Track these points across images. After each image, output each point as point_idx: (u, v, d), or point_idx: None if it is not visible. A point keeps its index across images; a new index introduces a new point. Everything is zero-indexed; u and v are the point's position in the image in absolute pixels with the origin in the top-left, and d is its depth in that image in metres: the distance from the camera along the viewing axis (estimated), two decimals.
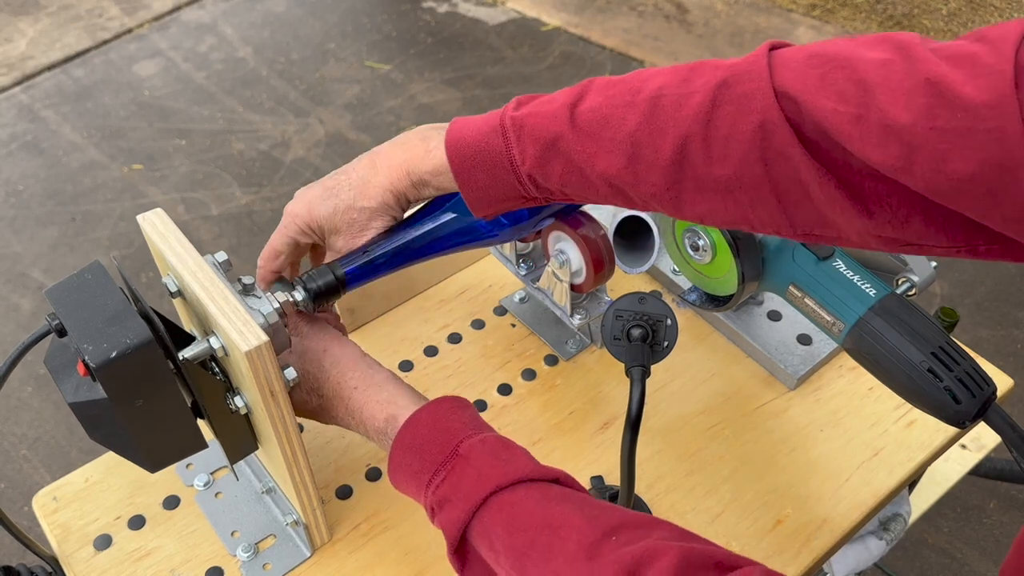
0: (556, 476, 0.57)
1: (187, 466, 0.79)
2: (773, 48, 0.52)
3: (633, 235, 0.83)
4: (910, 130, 0.44)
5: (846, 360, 0.87)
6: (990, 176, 0.43)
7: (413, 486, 0.60)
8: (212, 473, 0.78)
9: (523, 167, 0.59)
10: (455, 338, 0.90)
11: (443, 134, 0.62)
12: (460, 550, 0.57)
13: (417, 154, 0.63)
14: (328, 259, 0.67)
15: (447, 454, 0.58)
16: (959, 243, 0.49)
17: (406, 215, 0.70)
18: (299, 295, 0.64)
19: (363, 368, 0.65)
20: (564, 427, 0.82)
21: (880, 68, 0.46)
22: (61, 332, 0.56)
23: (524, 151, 0.58)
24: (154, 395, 0.56)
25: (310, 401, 0.66)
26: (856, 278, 0.70)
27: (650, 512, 0.75)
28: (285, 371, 0.60)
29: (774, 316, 0.89)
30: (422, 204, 0.69)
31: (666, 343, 0.66)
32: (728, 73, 0.52)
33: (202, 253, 0.60)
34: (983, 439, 1.23)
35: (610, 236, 0.77)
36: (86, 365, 0.53)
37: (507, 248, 0.86)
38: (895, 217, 0.49)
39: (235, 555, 0.73)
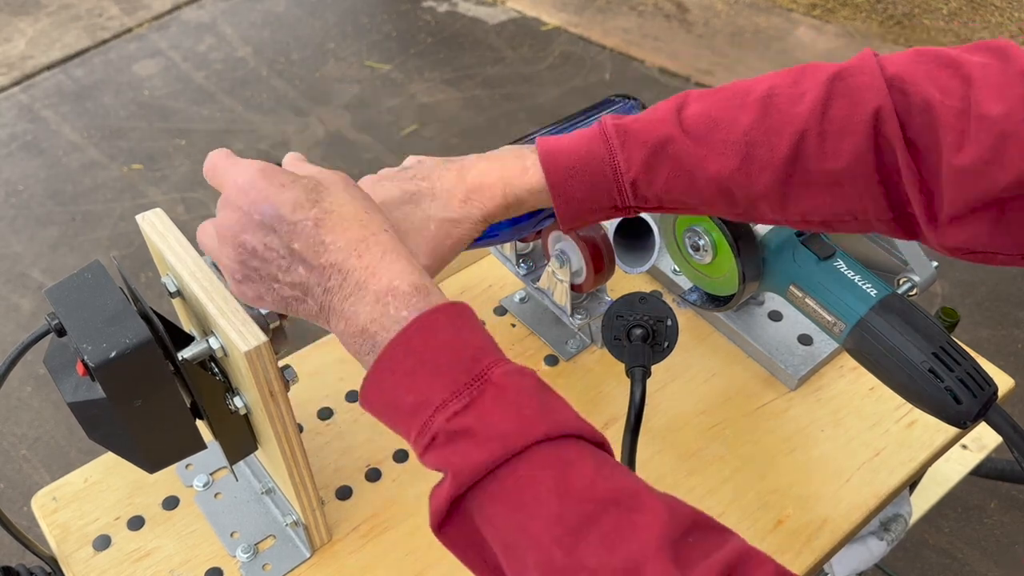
0: (602, 440, 0.45)
1: (186, 466, 0.79)
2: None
3: (633, 235, 0.83)
4: (1004, 119, 0.47)
5: (847, 360, 0.87)
6: None
7: (407, 402, 0.45)
8: (211, 474, 0.78)
9: (628, 174, 0.57)
10: None
11: (537, 154, 0.59)
12: (457, 503, 0.44)
13: (515, 172, 0.59)
14: None
15: (474, 375, 0.44)
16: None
17: None
18: None
19: (383, 220, 0.51)
20: None
21: (981, 68, 0.50)
22: (60, 332, 0.56)
23: (630, 157, 0.57)
24: (153, 395, 0.56)
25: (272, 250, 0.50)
26: (857, 278, 0.70)
27: None
28: (284, 371, 0.59)
29: (775, 316, 0.89)
30: None
31: (667, 343, 0.66)
32: (840, 68, 0.54)
33: (201, 253, 0.60)
34: (984, 439, 1.23)
35: (610, 236, 0.77)
36: (85, 365, 0.53)
37: (507, 248, 0.86)
38: (966, 224, 0.52)
39: (235, 556, 0.73)
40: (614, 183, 0.58)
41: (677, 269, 0.92)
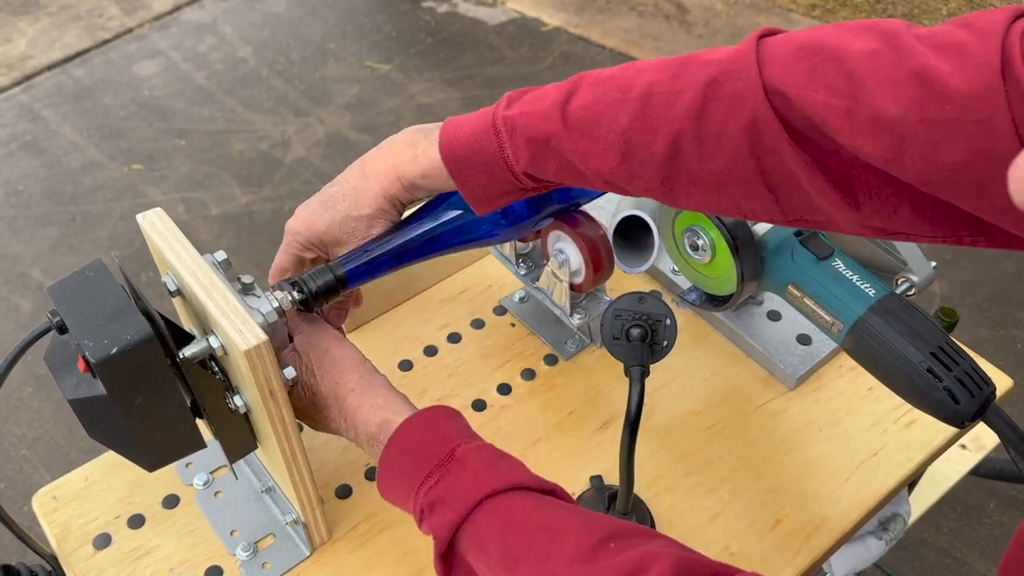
0: (552, 488, 0.57)
1: (186, 465, 0.79)
2: (763, 36, 0.52)
3: (633, 235, 0.83)
4: (900, 122, 0.45)
5: (845, 360, 0.87)
6: (980, 166, 0.43)
7: (403, 489, 0.59)
8: (211, 472, 0.78)
9: (517, 166, 0.59)
10: (455, 338, 0.90)
11: (431, 137, 0.63)
12: (447, 556, 0.56)
13: (406, 159, 0.63)
14: None
15: (442, 457, 0.57)
16: (945, 232, 0.50)
17: (406, 215, 0.70)
18: (298, 295, 0.64)
19: (361, 372, 0.65)
20: (564, 427, 0.82)
21: (869, 60, 0.46)
22: (62, 329, 0.56)
23: (517, 151, 0.59)
24: (154, 393, 0.56)
25: (303, 397, 0.66)
26: (855, 278, 0.70)
27: (650, 512, 0.75)
28: (284, 370, 0.60)
29: (774, 316, 0.89)
30: (422, 203, 0.69)
31: (665, 343, 0.66)
32: (718, 71, 0.51)
33: (202, 253, 0.60)
34: (983, 439, 1.23)
35: (610, 236, 0.77)
36: (86, 361, 0.53)
37: (507, 248, 0.86)
38: (883, 207, 0.50)
39: (234, 554, 0.73)
40: (510, 173, 0.60)
41: (676, 269, 0.92)
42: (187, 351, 0.58)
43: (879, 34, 0.47)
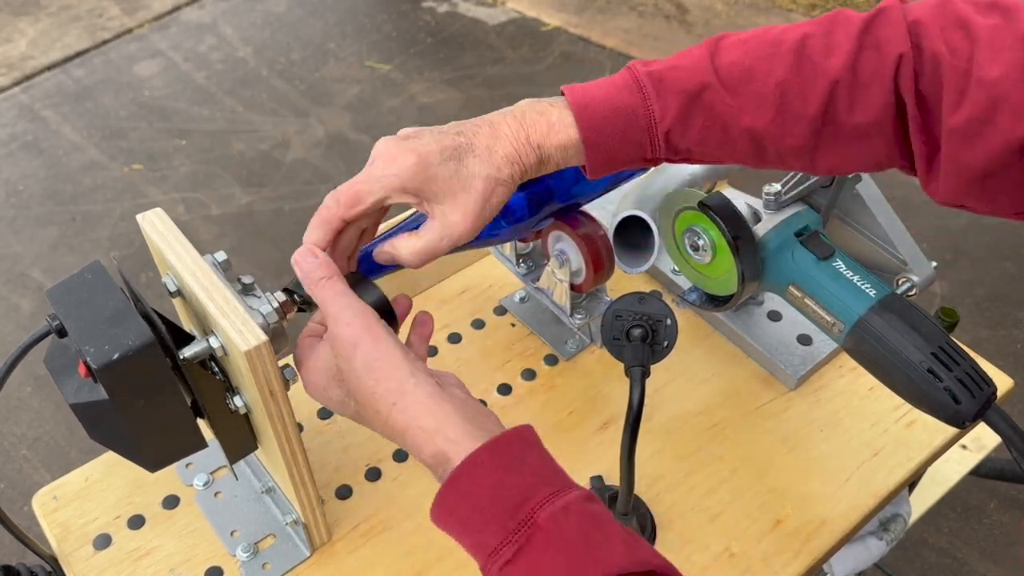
0: (653, 567, 0.46)
1: (187, 466, 0.79)
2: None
3: (633, 235, 0.83)
4: (999, 83, 0.49)
5: (846, 360, 0.87)
6: None
7: (468, 542, 0.49)
8: (212, 473, 0.78)
9: (662, 123, 0.56)
10: (455, 338, 0.90)
11: (561, 108, 0.57)
12: None
13: (541, 129, 0.57)
14: (419, 234, 0.58)
15: (520, 521, 0.46)
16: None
17: (404, 215, 0.69)
18: (298, 297, 0.64)
19: (402, 378, 0.52)
20: (564, 427, 0.82)
21: (988, 30, 0.51)
22: (61, 333, 0.56)
23: (666, 106, 0.55)
24: (155, 395, 0.56)
25: (347, 405, 0.56)
26: (856, 278, 0.70)
27: (650, 513, 0.75)
28: (284, 370, 0.59)
29: (774, 316, 0.89)
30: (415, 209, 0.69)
31: (666, 343, 0.66)
32: (868, 18, 0.54)
33: (202, 253, 0.60)
34: (983, 439, 1.23)
35: (610, 236, 0.77)
36: (88, 366, 0.53)
37: (507, 248, 0.86)
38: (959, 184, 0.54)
39: (235, 555, 0.73)
40: (647, 133, 0.56)
41: (676, 269, 0.92)
42: (187, 351, 0.58)
43: (1000, 8, 0.52)
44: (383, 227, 0.66)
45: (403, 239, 0.59)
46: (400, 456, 0.80)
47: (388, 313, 0.59)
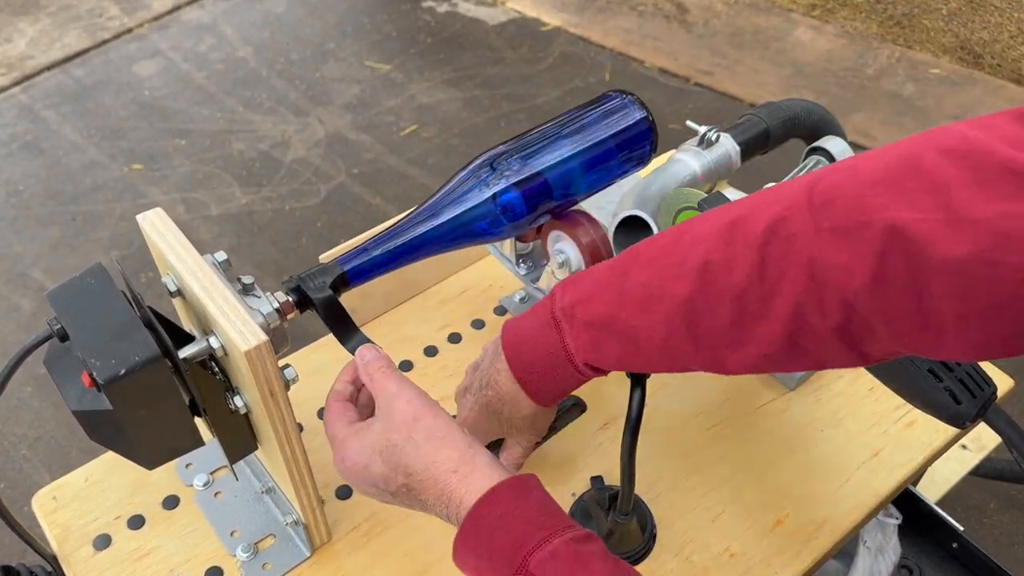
0: None
1: (187, 466, 0.79)
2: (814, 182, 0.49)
3: (633, 235, 0.83)
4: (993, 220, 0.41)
5: None
6: None
7: None
8: (212, 473, 0.78)
9: (578, 355, 0.59)
10: (455, 338, 0.90)
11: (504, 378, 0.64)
12: None
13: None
14: (511, 454, 0.70)
15: (516, 568, 0.50)
16: None
17: (402, 216, 0.69)
18: (296, 296, 0.64)
19: (463, 446, 0.56)
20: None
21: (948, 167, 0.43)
22: (63, 336, 0.56)
23: (578, 338, 0.59)
24: (158, 403, 0.56)
25: (391, 480, 0.57)
26: None
27: (651, 513, 0.75)
28: (284, 370, 0.59)
29: None
30: (420, 204, 0.69)
31: None
32: (772, 222, 0.50)
33: (202, 253, 0.60)
34: (983, 439, 1.23)
35: (610, 236, 0.77)
36: (93, 379, 0.53)
37: (507, 248, 0.86)
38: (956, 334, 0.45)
39: (235, 555, 0.73)
40: (570, 364, 0.60)
41: None
42: (187, 351, 0.58)
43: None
44: (362, 237, 0.69)
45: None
46: None
47: (335, 290, 0.65)
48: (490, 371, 0.65)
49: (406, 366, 0.88)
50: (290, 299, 0.63)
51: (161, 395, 0.56)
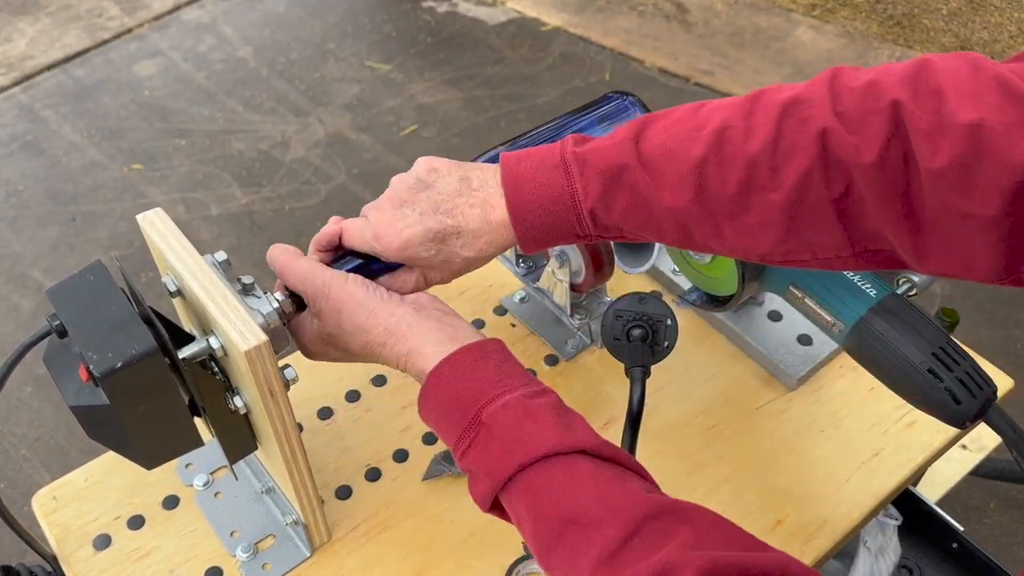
0: (582, 446, 0.53)
1: (186, 466, 0.79)
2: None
3: None
4: (979, 125, 0.47)
5: (846, 360, 0.87)
6: None
7: (443, 437, 0.58)
8: (211, 473, 0.78)
9: (585, 201, 0.58)
10: None
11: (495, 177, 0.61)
12: (496, 509, 0.56)
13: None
14: (398, 276, 0.65)
15: (469, 420, 0.55)
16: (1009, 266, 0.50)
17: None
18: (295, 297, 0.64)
19: (384, 321, 0.60)
20: None
21: (949, 75, 0.49)
22: (62, 333, 0.56)
23: (588, 185, 0.58)
24: (155, 399, 0.56)
25: (349, 357, 0.64)
26: (856, 278, 0.70)
27: None
28: (284, 370, 0.59)
29: (774, 316, 0.89)
30: None
31: (666, 343, 0.66)
32: (792, 97, 0.53)
33: (202, 253, 0.60)
34: (983, 439, 1.23)
35: None
36: (90, 372, 0.53)
37: None
38: (948, 239, 0.50)
39: (234, 555, 0.73)
40: (573, 212, 0.59)
41: (676, 269, 0.92)
42: (187, 351, 0.58)
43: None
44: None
45: (387, 279, 0.65)
46: (400, 456, 0.80)
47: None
48: (457, 201, 0.61)
49: None
50: (290, 299, 0.63)
51: (159, 391, 0.56)
